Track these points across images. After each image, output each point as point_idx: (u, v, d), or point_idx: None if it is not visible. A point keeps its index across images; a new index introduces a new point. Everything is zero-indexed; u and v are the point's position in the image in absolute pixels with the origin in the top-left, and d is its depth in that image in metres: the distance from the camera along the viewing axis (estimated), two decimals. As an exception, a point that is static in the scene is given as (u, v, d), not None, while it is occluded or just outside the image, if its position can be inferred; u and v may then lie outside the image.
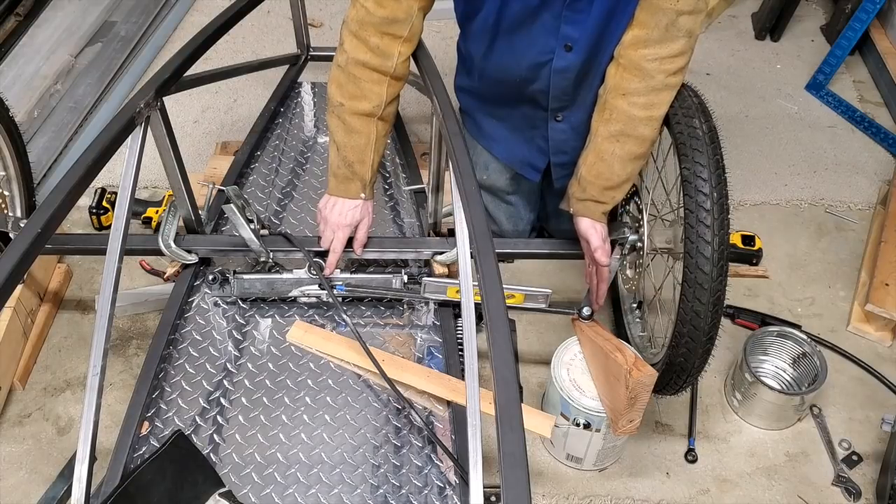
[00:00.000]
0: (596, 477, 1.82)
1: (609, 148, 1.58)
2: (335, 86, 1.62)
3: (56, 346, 2.05)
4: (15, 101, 2.48)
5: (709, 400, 1.98)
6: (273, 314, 1.76)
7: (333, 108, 1.63)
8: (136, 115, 1.48)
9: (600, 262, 1.66)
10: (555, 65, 1.62)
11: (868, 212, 2.46)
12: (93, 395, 1.28)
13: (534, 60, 1.63)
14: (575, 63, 1.61)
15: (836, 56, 2.82)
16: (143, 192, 2.44)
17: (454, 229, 1.35)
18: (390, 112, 1.66)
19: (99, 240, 1.92)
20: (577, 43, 1.57)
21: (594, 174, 1.60)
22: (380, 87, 1.59)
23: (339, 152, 1.65)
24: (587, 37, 1.56)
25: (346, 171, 1.65)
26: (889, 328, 2.10)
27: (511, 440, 0.93)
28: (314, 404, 1.58)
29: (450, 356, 1.67)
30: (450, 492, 1.43)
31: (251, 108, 2.71)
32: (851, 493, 1.79)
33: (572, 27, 1.55)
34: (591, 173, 1.61)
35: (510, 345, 1.06)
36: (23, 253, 1.15)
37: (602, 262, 1.66)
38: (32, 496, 1.72)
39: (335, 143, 1.65)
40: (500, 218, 2.11)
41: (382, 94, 1.60)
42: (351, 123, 1.61)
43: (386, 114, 1.64)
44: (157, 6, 3.13)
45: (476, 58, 1.73)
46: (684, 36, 1.49)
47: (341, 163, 1.65)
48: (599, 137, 1.59)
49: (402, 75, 1.62)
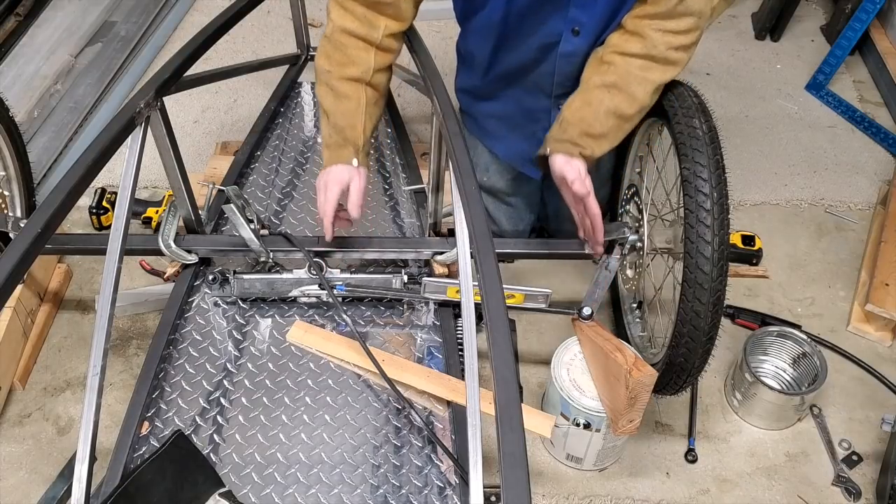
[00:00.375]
0: (596, 477, 1.82)
1: (598, 96, 1.55)
2: (323, 56, 1.60)
3: (56, 346, 2.05)
4: (15, 101, 2.48)
5: (709, 400, 1.98)
6: (273, 314, 1.76)
7: (321, 76, 1.61)
8: (136, 115, 1.48)
9: (578, 193, 1.55)
10: (561, 49, 1.62)
11: (868, 212, 2.46)
12: (93, 395, 1.28)
13: (540, 42, 1.63)
14: (582, 47, 1.60)
15: (836, 56, 2.82)
16: (143, 192, 2.44)
17: (454, 229, 1.35)
18: (380, 81, 1.62)
19: (99, 240, 1.92)
20: (585, 27, 1.57)
21: (577, 118, 1.56)
22: (367, 54, 1.57)
23: (330, 119, 1.61)
24: (595, 21, 1.56)
25: (338, 137, 1.61)
26: (889, 328, 2.10)
27: (511, 440, 0.93)
28: (314, 404, 1.58)
29: (450, 356, 1.67)
30: (450, 492, 1.43)
31: (251, 108, 2.71)
32: (851, 493, 1.79)
33: (581, 11, 1.55)
34: (574, 116, 1.57)
35: (510, 345, 1.06)
36: (23, 253, 1.15)
37: (579, 192, 1.54)
38: (32, 496, 1.72)
39: (325, 111, 1.62)
40: (500, 219, 2.11)
41: (370, 61, 1.58)
42: (339, 88, 1.59)
43: (375, 81, 1.61)
44: (157, 6, 3.13)
45: (482, 52, 1.72)
46: (693, 15, 1.49)
47: (332, 131, 1.61)
48: (591, 85, 1.57)
49: (390, 49, 1.60)
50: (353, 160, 1.61)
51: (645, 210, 1.75)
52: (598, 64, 1.59)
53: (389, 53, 1.62)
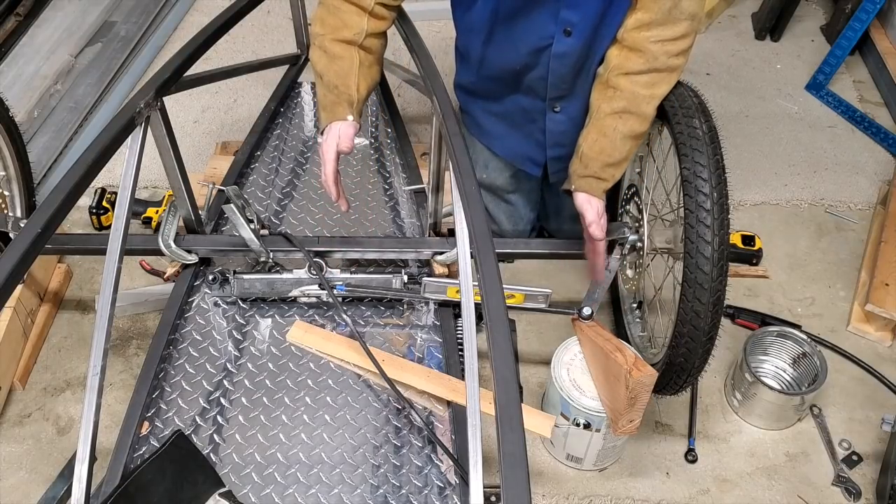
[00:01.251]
0: (596, 477, 1.82)
1: (612, 124, 1.58)
2: (317, 22, 1.61)
3: (56, 346, 2.05)
4: (15, 101, 2.48)
5: (709, 400, 1.98)
6: (273, 314, 1.76)
7: (315, 39, 1.62)
8: (136, 115, 1.48)
9: (594, 237, 1.63)
10: (554, 50, 1.62)
11: (868, 212, 2.46)
12: (93, 395, 1.28)
13: (533, 46, 1.63)
14: (574, 48, 1.61)
15: (836, 56, 2.82)
16: (143, 192, 2.44)
17: (454, 229, 1.35)
18: (373, 45, 1.63)
19: (99, 240, 1.92)
20: (577, 27, 1.57)
21: (597, 150, 1.60)
22: (359, 18, 1.59)
23: (323, 80, 1.61)
24: (587, 21, 1.56)
25: (332, 96, 1.61)
26: (889, 328, 2.10)
27: (511, 440, 0.93)
28: (314, 404, 1.58)
29: (450, 356, 1.67)
30: (450, 492, 1.43)
31: (251, 108, 2.71)
32: (851, 493, 1.79)
33: (572, 11, 1.55)
34: (593, 149, 1.60)
35: (510, 345, 1.06)
36: (23, 253, 1.15)
37: (596, 237, 1.64)
38: (32, 496, 1.72)
39: (318, 73, 1.62)
40: (500, 218, 2.11)
41: (363, 25, 1.59)
42: (332, 50, 1.59)
43: (368, 44, 1.61)
44: (157, 6, 3.13)
45: (474, 51, 1.73)
46: (687, 18, 1.50)
47: (326, 91, 1.61)
48: (602, 114, 1.59)
49: (382, 17, 1.62)
50: (349, 115, 1.60)
51: (645, 210, 1.75)
52: (604, 89, 1.60)
53: (382, 21, 1.63)
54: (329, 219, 2.01)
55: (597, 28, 1.57)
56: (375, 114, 2.37)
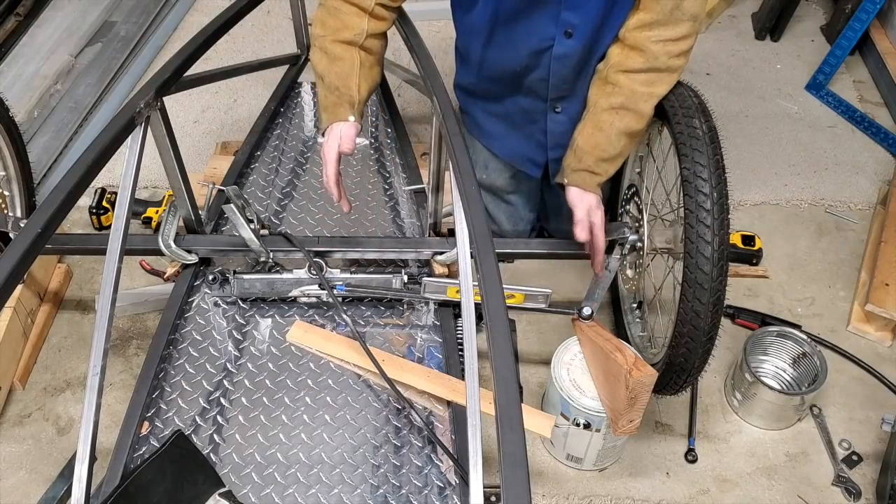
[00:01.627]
0: (596, 477, 1.82)
1: (608, 119, 1.58)
2: (318, 24, 1.62)
3: (56, 346, 2.05)
4: (15, 101, 2.48)
5: (709, 400, 1.98)
6: (273, 314, 1.76)
7: (315, 41, 1.62)
8: (136, 115, 1.48)
9: (578, 238, 1.63)
10: (555, 51, 1.62)
11: (868, 212, 2.46)
12: (93, 395, 1.28)
13: (534, 48, 1.63)
14: (575, 49, 1.61)
15: (836, 56, 2.82)
16: (143, 192, 2.44)
17: (454, 229, 1.35)
18: (374, 45, 1.63)
19: (99, 240, 1.92)
20: (578, 29, 1.57)
21: (591, 144, 1.60)
22: (360, 19, 1.59)
23: (324, 81, 1.61)
24: (588, 23, 1.56)
25: (333, 97, 1.61)
26: (889, 328, 2.10)
27: (511, 440, 0.93)
28: (314, 404, 1.58)
29: (450, 356, 1.67)
30: (450, 492, 1.43)
31: (251, 108, 2.71)
32: (851, 493, 1.79)
33: (573, 13, 1.55)
34: (588, 143, 1.61)
35: (510, 345, 1.06)
36: (23, 253, 1.15)
37: (579, 238, 1.63)
38: (32, 496, 1.72)
39: (319, 74, 1.62)
40: (500, 218, 2.11)
41: (363, 25, 1.59)
42: (333, 51, 1.59)
43: (368, 45, 1.61)
44: (157, 6, 3.13)
45: (475, 52, 1.73)
46: (689, 20, 1.51)
47: (327, 92, 1.62)
48: (599, 108, 1.59)
49: (382, 17, 1.62)
50: (350, 116, 1.60)
51: (645, 210, 1.75)
52: (602, 84, 1.60)
53: (382, 21, 1.63)
54: (329, 219, 2.01)
55: (598, 29, 1.57)
56: (375, 114, 2.37)
